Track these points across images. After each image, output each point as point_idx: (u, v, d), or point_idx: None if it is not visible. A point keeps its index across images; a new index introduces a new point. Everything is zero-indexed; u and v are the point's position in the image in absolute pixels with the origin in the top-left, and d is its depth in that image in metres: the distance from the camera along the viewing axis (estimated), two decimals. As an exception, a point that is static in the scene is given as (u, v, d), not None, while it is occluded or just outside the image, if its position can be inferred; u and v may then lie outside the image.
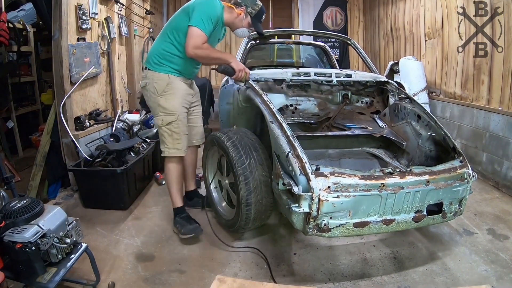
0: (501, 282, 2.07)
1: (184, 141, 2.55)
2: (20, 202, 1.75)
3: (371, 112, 3.17)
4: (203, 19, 2.24)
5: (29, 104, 4.52)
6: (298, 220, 1.84)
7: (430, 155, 2.48)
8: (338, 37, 3.98)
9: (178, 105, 2.48)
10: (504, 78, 3.33)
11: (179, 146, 2.53)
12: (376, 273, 2.18)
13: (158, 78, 2.45)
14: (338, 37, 3.96)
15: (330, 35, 4.50)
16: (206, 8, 2.28)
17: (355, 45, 3.71)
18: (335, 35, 4.09)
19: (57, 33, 2.97)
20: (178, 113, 2.47)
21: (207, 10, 2.27)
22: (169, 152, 2.53)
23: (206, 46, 2.30)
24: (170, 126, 2.47)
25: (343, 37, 3.90)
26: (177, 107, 2.48)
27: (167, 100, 2.46)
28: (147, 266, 2.22)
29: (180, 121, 2.49)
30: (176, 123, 2.48)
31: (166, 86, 2.45)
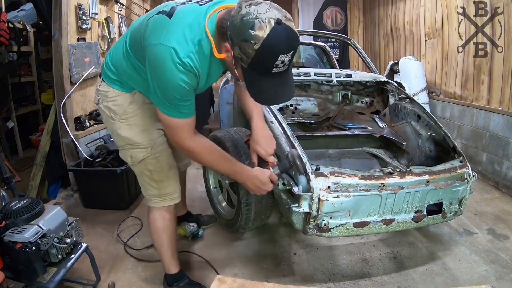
0: (501, 282, 2.07)
1: (173, 179, 1.82)
2: (20, 202, 1.75)
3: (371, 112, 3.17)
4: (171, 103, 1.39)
5: (29, 104, 4.52)
6: (298, 220, 1.84)
7: (430, 155, 2.48)
8: (338, 37, 3.98)
9: (149, 133, 1.71)
10: (504, 78, 3.33)
11: (169, 189, 1.80)
12: (376, 273, 2.18)
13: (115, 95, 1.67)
14: (338, 37, 3.96)
15: (330, 35, 4.51)
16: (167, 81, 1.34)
17: (355, 45, 3.71)
18: (335, 35, 4.09)
19: (57, 33, 2.97)
20: (151, 144, 1.71)
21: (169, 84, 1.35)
22: (157, 201, 1.81)
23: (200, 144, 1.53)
24: (145, 164, 1.73)
25: (343, 37, 3.90)
26: (147, 136, 1.71)
27: (132, 127, 1.69)
28: (147, 266, 2.22)
29: (159, 153, 1.74)
30: (151, 160, 1.72)
31: (129, 105, 1.67)
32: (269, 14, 1.16)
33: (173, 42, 1.31)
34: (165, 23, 1.38)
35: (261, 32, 1.15)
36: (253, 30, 1.15)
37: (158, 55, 1.33)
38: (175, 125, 1.46)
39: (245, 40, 1.18)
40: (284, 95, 1.38)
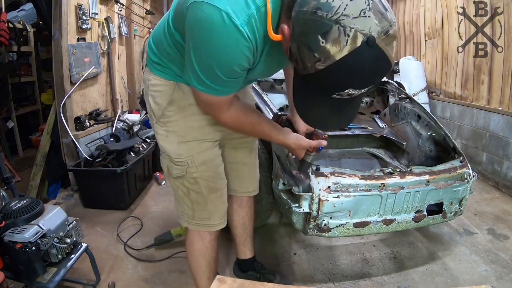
0: (501, 282, 2.07)
1: (213, 207, 1.52)
2: (20, 202, 1.75)
3: (371, 112, 3.17)
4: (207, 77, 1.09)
5: (29, 104, 4.51)
6: (298, 220, 1.84)
7: (430, 155, 2.48)
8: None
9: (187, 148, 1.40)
10: (504, 78, 3.33)
11: (204, 214, 1.51)
12: (376, 273, 2.18)
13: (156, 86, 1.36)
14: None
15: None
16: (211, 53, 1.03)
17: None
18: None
19: (57, 33, 2.96)
20: (188, 162, 1.41)
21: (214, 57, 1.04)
22: (188, 222, 1.55)
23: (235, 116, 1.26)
24: (182, 181, 1.46)
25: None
26: (185, 151, 1.40)
27: (169, 136, 1.41)
28: (147, 266, 2.23)
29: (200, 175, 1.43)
30: (189, 179, 1.44)
31: (168, 105, 1.35)
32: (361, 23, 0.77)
33: (227, 4, 0.95)
34: None
35: (335, 48, 0.78)
36: (324, 40, 0.78)
37: (205, 18, 0.97)
38: (210, 101, 1.19)
39: (308, 46, 0.83)
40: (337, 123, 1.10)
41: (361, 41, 0.77)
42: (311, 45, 0.81)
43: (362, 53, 0.78)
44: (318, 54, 0.80)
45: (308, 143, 1.40)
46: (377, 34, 0.78)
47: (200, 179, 1.44)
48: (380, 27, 0.78)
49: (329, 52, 0.79)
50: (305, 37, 0.83)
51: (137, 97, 4.84)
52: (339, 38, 0.77)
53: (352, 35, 0.76)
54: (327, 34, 0.78)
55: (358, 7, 0.77)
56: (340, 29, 0.77)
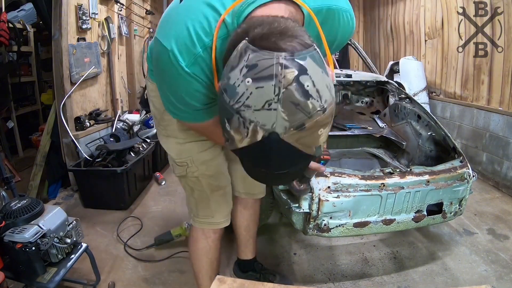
0: (501, 282, 2.07)
1: (216, 205, 1.52)
2: (20, 202, 1.75)
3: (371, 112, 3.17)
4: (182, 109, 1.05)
5: (29, 104, 4.51)
6: (298, 220, 1.84)
7: (430, 155, 2.48)
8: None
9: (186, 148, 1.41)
10: (504, 78, 3.33)
11: (206, 212, 1.52)
12: (376, 273, 2.18)
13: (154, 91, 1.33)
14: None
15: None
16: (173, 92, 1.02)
17: (355, 45, 3.71)
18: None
19: (57, 33, 2.97)
20: (187, 162, 1.42)
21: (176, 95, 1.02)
22: (193, 219, 1.57)
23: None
24: (186, 180, 1.49)
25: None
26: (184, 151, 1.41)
27: (169, 138, 1.43)
28: (147, 266, 2.23)
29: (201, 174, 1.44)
30: (191, 178, 1.46)
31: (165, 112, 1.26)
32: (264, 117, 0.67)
33: (172, 42, 0.93)
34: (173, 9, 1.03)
35: (237, 135, 0.72)
36: (228, 124, 0.72)
37: (158, 57, 0.99)
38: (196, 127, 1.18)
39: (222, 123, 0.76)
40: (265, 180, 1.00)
41: (262, 136, 0.68)
42: (221, 123, 0.75)
43: (263, 145, 0.69)
44: (226, 134, 0.75)
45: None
46: (284, 130, 0.67)
47: (202, 178, 1.45)
48: (289, 122, 0.67)
49: (233, 138, 0.73)
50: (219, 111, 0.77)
51: (137, 97, 4.84)
52: (239, 129, 0.70)
53: (251, 128, 0.68)
54: (229, 120, 0.71)
55: (262, 98, 0.66)
56: (240, 119, 0.69)
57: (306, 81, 0.67)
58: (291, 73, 0.66)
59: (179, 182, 1.55)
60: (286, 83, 0.65)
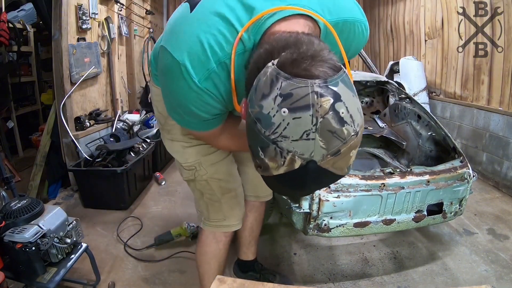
0: (501, 282, 2.07)
1: (228, 208, 1.49)
2: (20, 202, 1.75)
3: (371, 112, 3.17)
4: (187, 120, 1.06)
5: (29, 104, 4.51)
6: (299, 220, 1.84)
7: (430, 155, 2.48)
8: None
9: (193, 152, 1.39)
10: (504, 78, 3.33)
11: (218, 215, 1.49)
12: (376, 273, 2.18)
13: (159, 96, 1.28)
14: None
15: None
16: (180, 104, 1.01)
17: (355, 45, 3.70)
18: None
19: (57, 33, 2.96)
20: (195, 166, 1.40)
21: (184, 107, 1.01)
22: (204, 222, 1.54)
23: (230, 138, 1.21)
24: (194, 184, 1.46)
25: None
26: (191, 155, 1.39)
27: (174, 142, 1.42)
28: (147, 266, 2.23)
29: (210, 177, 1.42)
30: (200, 182, 1.43)
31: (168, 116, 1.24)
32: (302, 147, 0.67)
33: (185, 55, 0.91)
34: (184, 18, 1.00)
35: (272, 163, 0.71)
36: (263, 153, 0.71)
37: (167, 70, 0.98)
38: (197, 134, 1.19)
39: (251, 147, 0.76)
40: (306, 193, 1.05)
41: (299, 164, 0.68)
42: (253, 150, 0.75)
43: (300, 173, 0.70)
44: (258, 161, 0.74)
45: None
46: (321, 157, 0.68)
47: (211, 180, 1.42)
48: (326, 150, 0.67)
49: (268, 166, 0.72)
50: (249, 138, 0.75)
51: (137, 97, 4.84)
52: (275, 158, 0.69)
53: (289, 158, 0.68)
54: (264, 149, 0.70)
55: (300, 129, 0.66)
56: (277, 149, 0.68)
57: (341, 108, 0.67)
58: (327, 101, 0.66)
59: (179, 182, 1.54)
60: (323, 113, 0.65)
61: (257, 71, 0.76)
